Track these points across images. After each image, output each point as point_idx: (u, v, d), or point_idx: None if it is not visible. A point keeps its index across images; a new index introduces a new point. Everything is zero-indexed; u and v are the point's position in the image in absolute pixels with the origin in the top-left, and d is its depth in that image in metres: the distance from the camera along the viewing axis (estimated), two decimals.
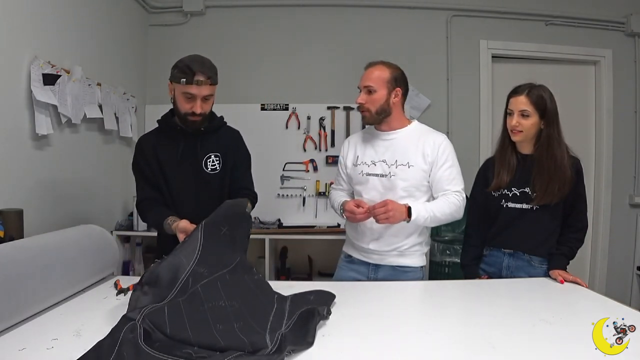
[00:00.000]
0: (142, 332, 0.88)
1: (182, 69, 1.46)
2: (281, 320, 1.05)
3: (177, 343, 0.89)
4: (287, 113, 3.18)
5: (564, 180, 1.57)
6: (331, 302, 1.20)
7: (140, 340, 0.87)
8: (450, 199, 1.59)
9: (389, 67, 1.63)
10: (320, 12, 3.24)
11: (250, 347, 0.89)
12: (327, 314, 1.09)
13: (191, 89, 1.46)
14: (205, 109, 1.51)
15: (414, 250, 1.66)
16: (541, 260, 1.63)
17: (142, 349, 0.85)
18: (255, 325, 0.99)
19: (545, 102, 1.58)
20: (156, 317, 0.93)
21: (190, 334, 0.91)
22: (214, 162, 1.59)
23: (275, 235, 2.90)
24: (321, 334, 1.00)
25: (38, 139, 1.92)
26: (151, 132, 1.66)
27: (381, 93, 1.60)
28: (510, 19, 3.26)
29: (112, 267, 1.57)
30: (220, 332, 0.94)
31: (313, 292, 1.23)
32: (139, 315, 0.93)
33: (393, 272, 1.65)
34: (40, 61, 1.88)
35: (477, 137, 3.24)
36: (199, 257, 1.11)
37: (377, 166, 1.65)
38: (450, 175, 1.61)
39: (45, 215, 1.94)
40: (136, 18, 3.04)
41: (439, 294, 1.46)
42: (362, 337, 1.01)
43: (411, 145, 1.63)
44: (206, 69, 1.47)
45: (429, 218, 1.56)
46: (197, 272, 1.07)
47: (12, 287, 1.02)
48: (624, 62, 3.30)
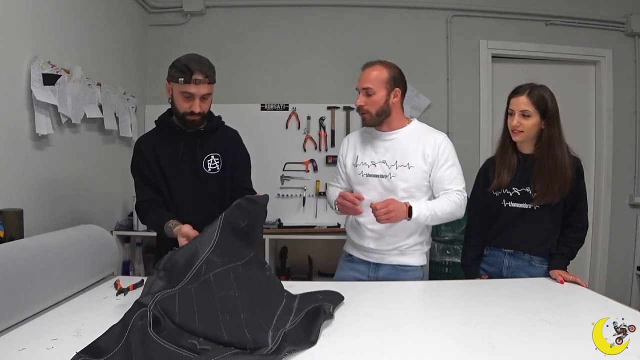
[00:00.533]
0: (151, 320, 0.92)
1: (179, 68, 1.45)
2: (287, 316, 1.06)
3: (184, 332, 0.92)
4: (287, 113, 3.18)
5: (564, 180, 1.57)
6: (339, 303, 1.20)
7: (149, 327, 0.90)
8: (451, 197, 1.58)
9: (387, 67, 1.62)
10: (320, 12, 3.24)
11: (252, 344, 0.91)
12: (332, 312, 1.09)
13: (189, 88, 1.45)
14: (203, 108, 1.50)
15: (415, 249, 1.66)
16: (541, 260, 1.63)
17: (150, 337, 0.88)
18: (262, 320, 1.01)
19: (546, 102, 1.58)
20: (167, 304, 0.97)
21: (197, 325, 0.94)
22: (213, 162, 1.59)
23: (275, 235, 2.90)
24: (322, 333, 1.00)
25: (38, 139, 1.92)
26: (149, 133, 1.65)
27: (380, 94, 1.59)
28: (510, 19, 3.25)
29: (112, 267, 1.57)
30: (226, 323, 0.96)
31: (322, 292, 1.23)
32: (151, 302, 0.97)
33: (394, 271, 1.65)
34: (40, 61, 1.88)
35: (477, 137, 3.24)
36: (214, 246, 1.13)
37: (377, 167, 1.64)
38: (451, 174, 1.60)
39: (45, 215, 1.94)
40: (136, 18, 3.04)
41: (439, 294, 1.46)
42: (362, 337, 1.01)
43: (411, 145, 1.62)
44: (204, 68, 1.46)
45: (430, 216, 1.55)
46: (211, 260, 1.10)
47: (12, 287, 1.02)
48: (624, 62, 3.30)
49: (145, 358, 0.83)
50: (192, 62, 1.45)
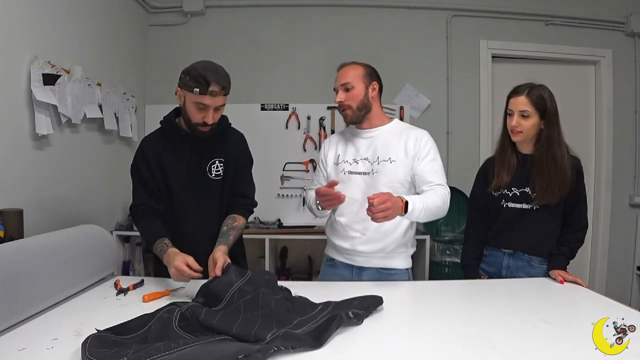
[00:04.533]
0: (178, 315, 1.00)
1: (195, 77, 1.38)
2: (306, 322, 1.05)
3: (202, 327, 1.00)
4: (287, 113, 3.19)
5: (564, 181, 1.57)
6: (374, 307, 1.16)
7: (174, 321, 0.99)
8: (438, 191, 1.52)
9: (362, 65, 1.64)
10: (320, 12, 3.24)
11: (253, 338, 0.93)
12: (354, 318, 1.05)
13: (205, 100, 1.39)
14: (216, 118, 1.45)
15: (400, 251, 1.61)
16: (541, 260, 1.63)
17: (170, 326, 0.97)
18: (274, 323, 1.02)
19: (546, 102, 1.58)
20: (197, 309, 1.05)
21: (214, 322, 1.00)
22: (218, 167, 1.55)
23: (275, 235, 2.90)
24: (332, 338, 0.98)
25: (38, 139, 1.92)
26: (154, 134, 1.60)
27: (359, 88, 1.59)
28: (510, 19, 3.26)
29: (112, 267, 1.57)
30: (241, 322, 1.01)
31: (359, 298, 1.21)
32: (185, 305, 1.06)
33: (378, 275, 1.60)
34: (40, 61, 1.88)
35: (477, 137, 3.23)
36: (247, 278, 1.18)
37: (359, 164, 1.62)
38: (432, 167, 1.56)
39: (45, 215, 1.94)
40: (136, 18, 3.04)
41: (439, 294, 1.45)
42: (361, 337, 1.01)
43: (393, 140, 1.60)
44: (221, 79, 1.40)
45: (422, 210, 1.44)
46: (243, 289, 1.14)
47: (12, 287, 1.02)
48: (624, 62, 3.30)
49: (157, 339, 0.91)
50: (209, 72, 1.39)
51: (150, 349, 0.83)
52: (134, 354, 0.82)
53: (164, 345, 0.84)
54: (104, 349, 0.86)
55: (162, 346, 0.84)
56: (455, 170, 3.08)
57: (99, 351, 0.84)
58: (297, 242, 3.02)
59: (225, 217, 1.55)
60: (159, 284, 1.42)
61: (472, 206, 1.80)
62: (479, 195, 1.76)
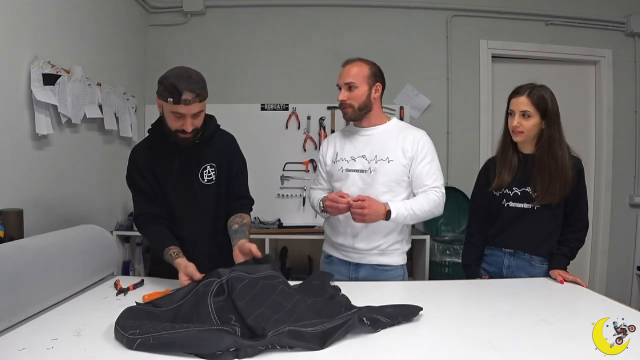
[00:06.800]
0: (215, 289, 1.04)
1: (167, 87, 1.33)
2: (323, 323, 1.00)
3: (231, 306, 1.01)
4: (287, 113, 3.19)
5: (565, 180, 1.57)
6: (404, 318, 1.09)
7: (210, 295, 1.03)
8: (429, 195, 1.57)
9: (367, 63, 1.63)
10: (320, 12, 3.24)
11: (260, 332, 0.95)
12: (370, 324, 1.01)
13: (180, 109, 1.34)
14: (196, 124, 1.40)
15: (395, 248, 1.65)
16: (542, 260, 1.63)
17: (204, 302, 1.02)
18: (294, 318, 1.02)
19: (547, 103, 1.58)
20: (235, 282, 1.07)
21: (243, 304, 1.01)
22: (209, 172, 1.53)
23: (275, 235, 2.90)
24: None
25: (38, 139, 1.92)
26: (143, 143, 1.58)
27: (362, 89, 1.60)
28: (510, 19, 3.26)
29: (112, 267, 1.57)
30: (263, 310, 1.01)
31: (393, 305, 1.14)
32: (227, 274, 1.09)
33: (374, 271, 1.63)
34: (40, 61, 1.88)
35: (477, 137, 3.23)
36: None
37: (356, 162, 1.64)
38: (429, 170, 1.60)
39: (45, 215, 1.94)
40: (136, 18, 3.04)
41: (439, 294, 1.45)
42: (361, 337, 1.00)
43: (390, 140, 1.62)
44: (193, 86, 1.33)
45: (408, 216, 1.53)
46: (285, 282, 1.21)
47: (12, 287, 1.02)
48: (624, 62, 3.30)
49: (187, 314, 0.99)
50: (181, 80, 1.32)
51: (159, 326, 0.92)
52: (145, 327, 0.92)
53: (169, 326, 0.93)
54: (133, 320, 0.96)
55: (168, 326, 0.93)
56: (455, 170, 3.09)
57: (125, 321, 0.96)
58: (297, 242, 3.01)
59: (230, 217, 1.54)
60: (159, 284, 1.42)
61: (473, 206, 1.80)
62: (480, 195, 1.76)
